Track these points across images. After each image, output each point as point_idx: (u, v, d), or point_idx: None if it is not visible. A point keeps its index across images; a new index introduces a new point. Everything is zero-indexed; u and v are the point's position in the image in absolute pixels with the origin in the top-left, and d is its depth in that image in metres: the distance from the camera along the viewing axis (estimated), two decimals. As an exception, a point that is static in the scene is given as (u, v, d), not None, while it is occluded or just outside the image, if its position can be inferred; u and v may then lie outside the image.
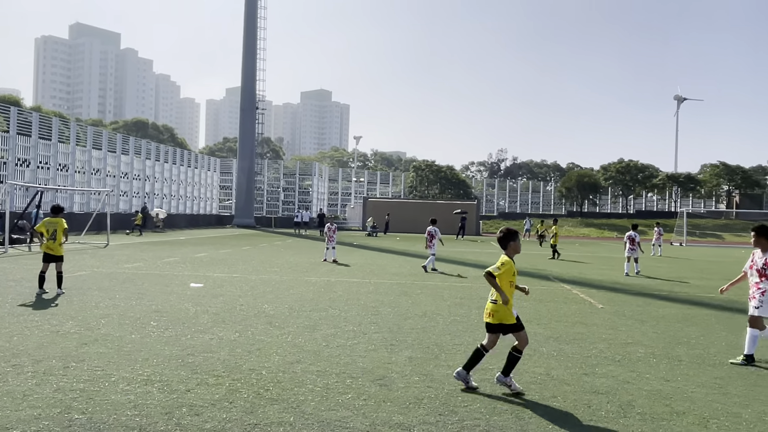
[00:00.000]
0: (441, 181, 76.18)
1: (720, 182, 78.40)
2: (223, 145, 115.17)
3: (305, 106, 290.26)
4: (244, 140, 55.46)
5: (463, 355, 6.84)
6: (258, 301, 10.34)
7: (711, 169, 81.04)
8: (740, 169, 78.08)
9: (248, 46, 54.81)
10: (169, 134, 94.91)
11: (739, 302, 12.47)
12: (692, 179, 77.65)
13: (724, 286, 7.57)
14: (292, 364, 6.21)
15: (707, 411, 5.16)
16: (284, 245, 28.16)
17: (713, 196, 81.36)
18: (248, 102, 54.85)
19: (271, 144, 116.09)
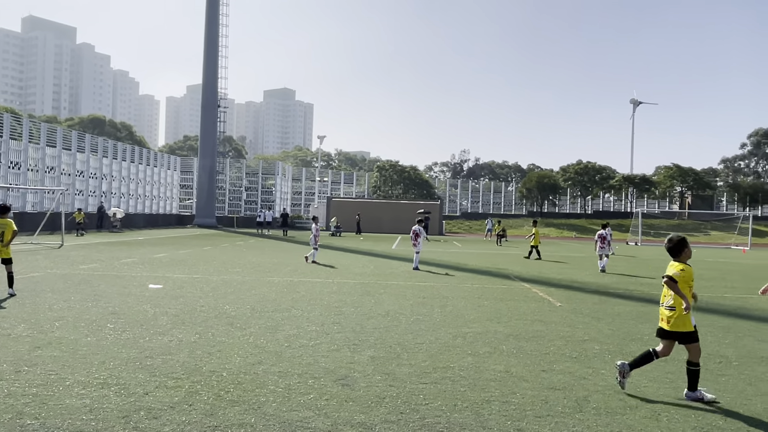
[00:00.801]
0: (405, 181, 76.56)
1: (673, 184, 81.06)
2: (183, 144, 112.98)
3: (268, 105, 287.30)
4: (206, 138, 54.55)
5: (426, 354, 6.92)
6: (219, 302, 10.21)
7: (665, 170, 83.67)
8: (692, 171, 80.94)
9: (210, 42, 53.94)
10: (127, 132, 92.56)
11: (689, 299, 12.94)
12: (647, 181, 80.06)
13: (763, 286, 6.76)
14: (254, 366, 6.16)
15: (659, 404, 5.35)
16: (246, 245, 27.83)
17: (667, 197, 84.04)
18: (210, 100, 53.98)
19: (234, 143, 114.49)
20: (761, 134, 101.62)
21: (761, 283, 17.31)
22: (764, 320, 10.42)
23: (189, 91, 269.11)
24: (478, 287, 13.89)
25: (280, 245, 29.17)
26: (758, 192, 78.85)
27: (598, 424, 4.79)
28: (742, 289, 15.43)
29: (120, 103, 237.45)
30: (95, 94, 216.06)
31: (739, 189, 79.98)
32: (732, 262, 27.32)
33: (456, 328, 8.58)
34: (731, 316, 10.86)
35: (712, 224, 67.23)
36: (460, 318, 9.49)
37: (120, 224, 39.77)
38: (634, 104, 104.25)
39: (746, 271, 22.27)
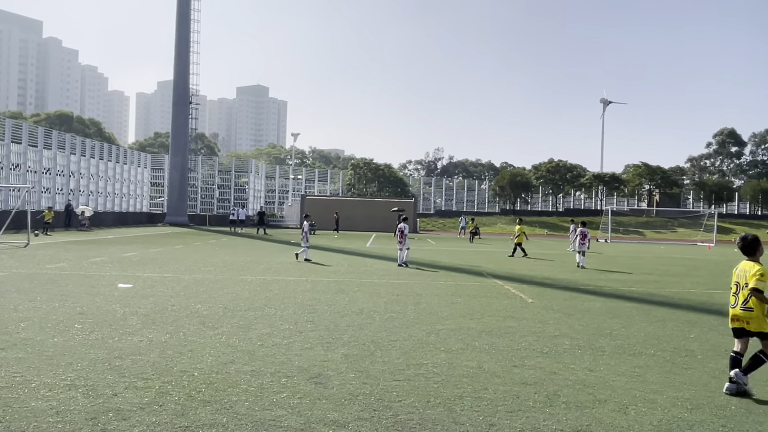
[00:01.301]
0: (379, 179, 76.64)
1: (642, 182, 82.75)
2: (154, 141, 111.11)
3: (241, 102, 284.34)
4: (177, 135, 53.73)
5: (399, 352, 6.93)
6: (191, 302, 10.07)
7: (634, 169, 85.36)
8: (660, 169, 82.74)
9: (181, 37, 53.12)
10: (95, 128, 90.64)
11: (657, 295, 13.24)
12: (616, 179, 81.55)
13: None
14: (226, 365, 6.10)
15: (627, 398, 5.46)
16: (219, 244, 27.52)
17: (636, 195, 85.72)
18: (181, 96, 53.17)
19: (206, 140, 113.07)
20: (726, 134, 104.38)
21: (727, 278, 17.81)
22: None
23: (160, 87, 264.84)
24: (452, 284, 13.98)
25: (254, 243, 28.92)
26: (723, 190, 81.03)
27: (568, 418, 4.87)
28: (707, 285, 15.84)
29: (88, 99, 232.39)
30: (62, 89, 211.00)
31: (705, 187, 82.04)
32: (698, 259, 28.01)
33: (429, 325, 8.62)
34: (697, 310, 11.14)
35: (679, 221, 68.82)
36: (434, 315, 9.54)
37: (88, 223, 38.94)
38: (604, 104, 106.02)
39: (711, 267, 22.86)
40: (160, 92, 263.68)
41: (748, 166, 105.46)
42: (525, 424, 4.68)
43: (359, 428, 4.49)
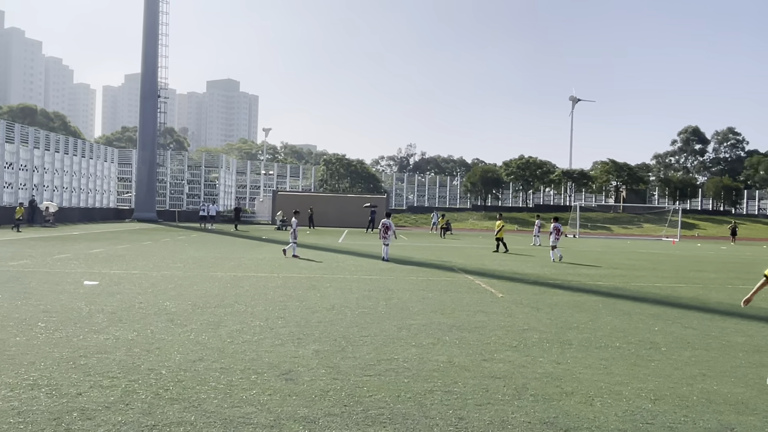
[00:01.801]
0: (351, 174, 76.49)
1: (609, 178, 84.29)
2: (122, 135, 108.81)
3: (212, 96, 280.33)
4: (145, 130, 52.71)
5: (370, 347, 6.94)
6: (159, 299, 9.91)
7: (602, 166, 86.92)
8: (627, 166, 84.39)
9: (149, 30, 52.06)
10: (60, 122, 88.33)
11: (622, 289, 13.53)
12: (585, 175, 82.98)
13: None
14: (194, 362, 6.02)
15: (593, 390, 5.57)
16: (189, 240, 27.13)
17: (603, 191, 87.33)
18: (149, 90, 52.16)
19: (175, 134, 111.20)
20: (690, 132, 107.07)
21: (690, 273, 18.30)
22: (691, 308, 11.01)
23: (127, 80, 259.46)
24: (423, 280, 14.05)
25: (224, 240, 28.59)
26: (687, 186, 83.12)
27: (535, 410, 4.94)
28: (671, 279, 16.24)
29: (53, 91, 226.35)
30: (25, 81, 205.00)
31: (670, 183, 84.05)
32: (663, 253, 28.70)
33: (401, 321, 8.65)
34: (661, 304, 11.41)
35: (645, 217, 70.39)
36: (405, 310, 9.58)
37: (53, 219, 37.96)
38: (573, 101, 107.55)
39: (675, 261, 23.45)
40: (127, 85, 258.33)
41: (711, 163, 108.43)
42: (494, 417, 4.74)
43: (329, 424, 4.48)
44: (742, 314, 10.34)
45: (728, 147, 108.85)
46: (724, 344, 7.81)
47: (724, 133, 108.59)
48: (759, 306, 11.32)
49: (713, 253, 30.96)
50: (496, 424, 4.59)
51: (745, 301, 6.47)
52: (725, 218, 73.32)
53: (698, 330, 8.76)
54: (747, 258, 25.94)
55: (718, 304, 11.49)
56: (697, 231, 65.81)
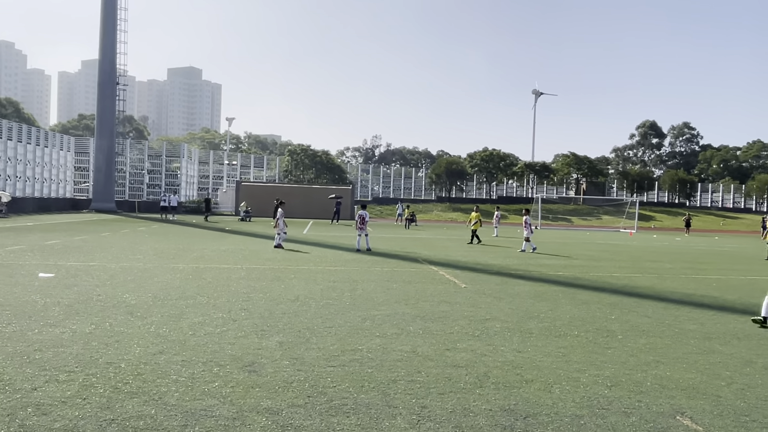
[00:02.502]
0: (317, 165, 75.95)
1: (570, 171, 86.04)
2: (78, 123, 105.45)
3: (173, 84, 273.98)
4: (103, 118, 51.15)
5: (335, 338, 6.94)
6: (118, 291, 9.69)
7: (563, 158, 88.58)
8: (587, 159, 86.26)
9: (107, 14, 50.41)
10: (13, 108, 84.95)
11: (582, 279, 13.86)
12: (547, 168, 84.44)
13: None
14: (155, 355, 5.92)
15: (552, 377, 5.70)
16: (149, 231, 26.56)
17: (564, 184, 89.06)
18: (107, 76, 50.59)
19: (135, 123, 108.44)
20: (647, 126, 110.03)
21: (646, 263, 18.87)
22: (647, 297, 11.36)
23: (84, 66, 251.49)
24: (388, 271, 14.10)
25: (186, 231, 28.10)
26: (644, 179, 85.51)
27: (496, 397, 5.04)
28: (628, 269, 16.71)
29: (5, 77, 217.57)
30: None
31: (628, 176, 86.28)
32: (620, 244, 29.50)
33: (365, 311, 8.68)
34: (618, 293, 11.74)
35: (604, 209, 72.09)
36: (370, 301, 9.61)
37: (6, 209, 36.61)
38: (535, 95, 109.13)
39: (632, 252, 24.13)
40: (84, 72, 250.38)
41: (667, 157, 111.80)
42: (456, 405, 4.81)
43: (293, 415, 4.47)
44: (695, 303, 10.73)
45: (683, 141, 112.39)
46: (677, 332, 8.09)
47: (680, 127, 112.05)
48: (710, 295, 11.77)
49: (668, 244, 31.98)
50: (458, 412, 4.66)
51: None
52: (680, 210, 75.69)
53: (653, 318, 9.05)
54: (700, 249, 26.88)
55: (672, 293, 11.89)
56: (654, 223, 67.81)
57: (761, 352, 7.08)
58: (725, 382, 5.79)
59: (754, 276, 16.07)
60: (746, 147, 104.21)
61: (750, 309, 10.30)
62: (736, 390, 5.54)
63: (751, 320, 8.94)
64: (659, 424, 4.60)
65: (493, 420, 4.54)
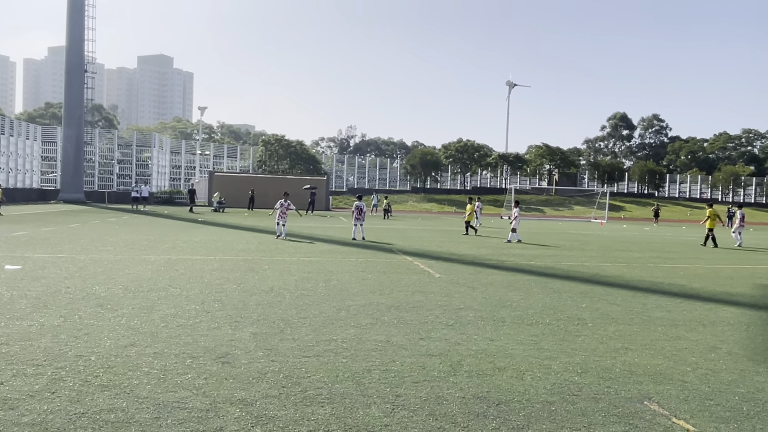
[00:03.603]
0: (291, 156, 75.42)
1: (543, 162, 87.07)
2: (45, 111, 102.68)
3: (143, 72, 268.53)
4: (71, 106, 49.90)
5: (309, 329, 6.93)
6: (87, 283, 9.51)
7: (536, 150, 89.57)
8: (559, 150, 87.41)
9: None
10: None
11: (553, 268, 14.06)
12: (520, 159, 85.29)
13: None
14: (126, 348, 5.83)
15: (524, 365, 5.79)
16: (119, 222, 26.08)
17: (537, 175, 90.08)
18: (75, 63, 49.34)
19: (104, 111, 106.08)
20: (618, 118, 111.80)
21: (616, 252, 19.23)
22: (616, 285, 11.58)
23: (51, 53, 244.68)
24: (363, 261, 14.11)
25: (158, 222, 27.67)
26: (615, 170, 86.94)
27: (469, 385, 5.10)
28: (599, 258, 17.01)
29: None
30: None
31: (599, 167, 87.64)
32: (591, 234, 30.00)
33: (340, 302, 8.68)
34: (588, 282, 11.95)
35: (575, 200, 73.18)
36: (345, 291, 9.61)
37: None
38: (509, 86, 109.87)
39: (602, 241, 24.57)
40: (51, 59, 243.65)
41: (637, 148, 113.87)
42: (429, 394, 4.85)
43: (267, 406, 4.46)
44: (662, 291, 10.98)
45: (653, 133, 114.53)
46: (644, 319, 8.28)
47: (650, 119, 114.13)
48: (677, 283, 12.06)
49: (637, 233, 32.63)
50: (431, 400, 4.70)
51: None
52: (649, 201, 77.31)
53: (622, 306, 9.24)
54: (668, 238, 27.49)
55: (640, 282, 12.15)
56: (624, 213, 69.11)
57: (725, 338, 7.29)
58: (691, 367, 5.95)
59: (719, 264, 16.51)
60: (713, 139, 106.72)
61: (715, 296, 10.60)
62: (700, 375, 5.71)
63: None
64: (627, 409, 4.71)
65: (467, 407, 4.59)
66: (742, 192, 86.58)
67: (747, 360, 6.32)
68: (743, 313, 9.02)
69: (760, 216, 72.98)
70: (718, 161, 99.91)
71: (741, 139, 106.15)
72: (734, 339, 7.29)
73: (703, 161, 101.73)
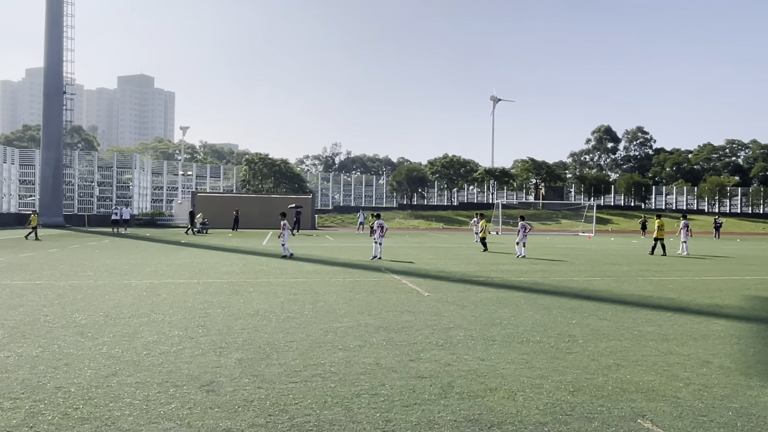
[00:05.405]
0: (275, 174, 75.31)
1: (529, 176, 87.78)
2: (23, 134, 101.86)
3: (123, 92, 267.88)
4: (49, 128, 49.52)
5: (296, 353, 6.86)
6: (66, 310, 9.35)
7: (522, 164, 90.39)
8: (545, 164, 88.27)
9: (52, 19, 48.94)
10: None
11: (543, 284, 14.10)
12: (506, 173, 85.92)
13: None
14: (107, 378, 5.72)
15: (515, 385, 5.77)
16: (100, 246, 25.78)
17: (524, 189, 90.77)
18: (53, 85, 49.06)
19: (83, 133, 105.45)
20: (603, 131, 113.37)
21: (604, 266, 19.35)
22: (606, 300, 11.63)
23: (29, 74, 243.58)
24: (350, 281, 14.05)
25: (139, 245, 27.39)
26: (601, 183, 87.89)
27: (461, 408, 5.06)
28: (587, 272, 17.10)
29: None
30: None
31: (585, 181, 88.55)
32: (579, 248, 30.19)
33: (327, 324, 8.61)
34: (578, 297, 11.99)
35: (562, 213, 73.78)
36: (332, 313, 9.54)
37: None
38: (494, 101, 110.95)
39: (591, 255, 24.72)
40: (29, 80, 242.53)
41: (622, 161, 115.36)
42: (420, 417, 4.80)
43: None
44: (652, 305, 11.04)
45: (638, 145, 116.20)
46: (635, 334, 8.30)
47: (634, 132, 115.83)
48: (667, 297, 12.14)
49: (625, 246, 32.91)
50: (422, 425, 4.65)
51: None
52: (636, 213, 78.10)
53: (612, 321, 9.27)
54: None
55: (630, 296, 12.21)
56: (611, 226, 69.72)
57: (716, 352, 7.33)
58: (683, 383, 5.97)
59: (708, 276, 16.67)
60: (697, 150, 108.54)
61: (705, 309, 10.67)
62: (693, 390, 5.72)
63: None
64: (621, 428, 4.70)
65: (459, 431, 4.55)
66: (728, 202, 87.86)
67: (739, 374, 6.36)
68: (734, 326, 9.09)
69: (746, 226, 74.07)
70: (703, 172, 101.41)
71: (725, 150, 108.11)
72: (726, 353, 7.33)
73: (688, 172, 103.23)
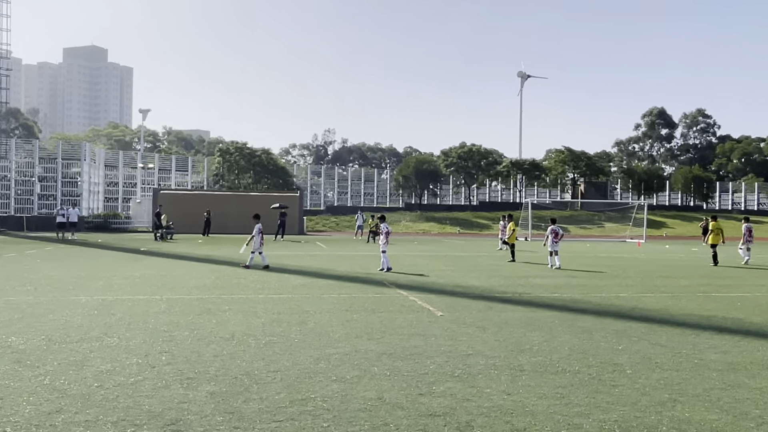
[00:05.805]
0: (255, 167, 75.58)
1: (565, 170, 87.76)
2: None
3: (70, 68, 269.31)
4: (-19, 112, 49.82)
5: (281, 385, 6.88)
6: (1, 333, 9.41)
7: (556, 155, 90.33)
8: (585, 155, 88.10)
9: (-16, -18, 49.28)
10: None
11: (582, 302, 14.11)
12: (537, 166, 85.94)
13: None
14: (51, 415, 5.75)
15: (549, 425, 5.77)
16: (42, 254, 25.90)
17: (558, 185, 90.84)
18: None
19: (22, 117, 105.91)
20: (655, 114, 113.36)
21: (657, 280, 19.35)
22: (659, 321, 11.63)
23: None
24: (346, 297, 14.08)
25: (89, 253, 27.52)
26: (653, 178, 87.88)
27: (482, 453, 5.06)
28: (637, 288, 17.10)
29: None
30: None
31: (634, 175, 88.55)
32: (627, 257, 30.21)
33: (318, 350, 8.64)
34: (625, 318, 11.99)
35: (606, 215, 73.76)
36: (324, 336, 9.57)
37: None
38: (522, 78, 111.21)
39: (641, 266, 24.72)
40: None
41: (679, 151, 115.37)
42: (433, 465, 4.81)
43: (229, 485, 4.40)
44: (716, 327, 11.04)
45: (698, 132, 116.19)
46: (696, 363, 8.30)
47: (693, 115, 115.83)
48: (733, 317, 12.13)
49: (684, 255, 32.91)
50: (435, 473, 4.66)
51: None
52: (696, 214, 77.95)
53: (667, 347, 9.26)
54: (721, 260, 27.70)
55: (689, 316, 12.21)
56: (665, 230, 69.76)
57: (795, 385, 7.32)
58: (754, 422, 5.96)
59: (784, 292, 16.64)
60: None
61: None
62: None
63: None
64: (678, 477, 4.69)
65: (479, 481, 4.55)
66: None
67: (823, 411, 6.34)
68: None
69: (832, 231, 73.85)
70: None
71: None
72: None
73: (761, 165, 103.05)
